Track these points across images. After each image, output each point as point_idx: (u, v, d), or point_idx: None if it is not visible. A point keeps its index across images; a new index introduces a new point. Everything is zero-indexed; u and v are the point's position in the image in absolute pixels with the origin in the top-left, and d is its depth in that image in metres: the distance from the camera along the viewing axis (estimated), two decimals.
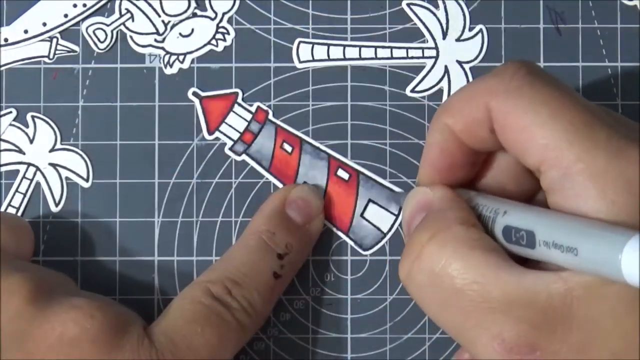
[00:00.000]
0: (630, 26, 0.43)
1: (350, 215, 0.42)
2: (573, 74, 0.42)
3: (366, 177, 0.42)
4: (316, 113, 0.42)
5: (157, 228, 0.42)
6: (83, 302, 0.36)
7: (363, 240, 0.42)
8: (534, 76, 0.33)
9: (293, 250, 0.40)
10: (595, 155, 0.31)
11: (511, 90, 0.33)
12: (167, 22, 0.43)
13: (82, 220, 0.42)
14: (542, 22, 0.43)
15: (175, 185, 0.42)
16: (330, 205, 0.42)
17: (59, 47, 0.42)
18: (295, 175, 0.42)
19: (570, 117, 0.31)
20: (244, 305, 0.38)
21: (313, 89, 0.43)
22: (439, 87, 0.42)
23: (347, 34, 0.43)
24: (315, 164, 0.42)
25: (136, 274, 0.42)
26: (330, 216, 0.42)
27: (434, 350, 0.42)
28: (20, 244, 0.39)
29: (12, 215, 0.41)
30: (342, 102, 0.43)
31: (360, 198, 0.42)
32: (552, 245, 0.31)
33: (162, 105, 0.42)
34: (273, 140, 0.42)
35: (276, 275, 0.39)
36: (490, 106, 0.33)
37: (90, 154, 0.42)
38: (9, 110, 0.42)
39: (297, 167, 0.42)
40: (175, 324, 0.37)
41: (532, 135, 0.32)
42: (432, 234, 0.33)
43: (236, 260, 0.39)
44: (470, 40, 0.42)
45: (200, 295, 0.38)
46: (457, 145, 0.35)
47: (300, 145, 0.42)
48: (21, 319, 0.35)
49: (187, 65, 0.43)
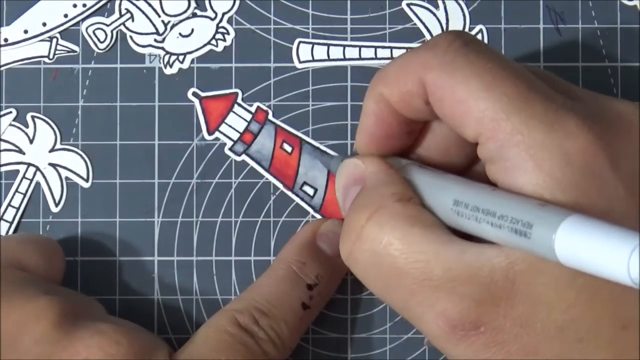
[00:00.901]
0: (630, 26, 0.43)
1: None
2: (573, 74, 0.42)
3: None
4: (316, 113, 0.42)
5: (157, 228, 0.42)
6: (109, 328, 0.35)
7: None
8: (469, 48, 0.32)
9: (323, 282, 0.39)
10: (532, 127, 0.30)
11: (445, 63, 0.32)
12: (167, 22, 0.43)
13: (82, 220, 0.42)
14: (542, 22, 0.43)
15: (175, 185, 0.42)
16: (334, 208, 0.42)
17: (59, 47, 0.42)
18: (295, 176, 0.42)
19: (506, 88, 0.31)
20: (271, 335, 0.37)
21: (313, 89, 0.43)
22: None
23: (347, 34, 0.43)
24: (315, 164, 0.42)
25: (136, 274, 0.42)
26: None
27: (434, 350, 0.42)
28: (50, 266, 0.39)
29: (43, 237, 0.41)
30: (342, 102, 0.43)
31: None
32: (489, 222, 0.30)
33: (162, 105, 0.42)
34: (273, 140, 0.42)
35: (305, 306, 0.39)
36: (424, 80, 0.33)
37: (90, 154, 0.42)
38: (9, 110, 0.42)
39: (297, 167, 0.42)
40: (200, 352, 0.37)
41: (469, 108, 0.31)
42: (370, 214, 0.33)
43: (264, 290, 0.39)
44: None
45: (226, 324, 0.37)
46: (393, 114, 0.35)
47: (300, 145, 0.42)
48: (47, 342, 0.35)
49: (187, 65, 0.43)
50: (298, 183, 0.42)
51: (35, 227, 0.42)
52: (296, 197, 0.42)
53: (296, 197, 0.42)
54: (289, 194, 0.42)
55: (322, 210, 0.42)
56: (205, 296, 0.42)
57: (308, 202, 0.42)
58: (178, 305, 0.42)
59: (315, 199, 0.42)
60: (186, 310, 0.42)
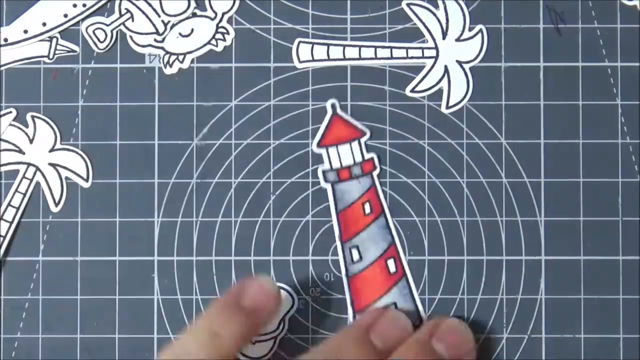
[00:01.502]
0: (630, 26, 0.43)
1: (367, 303, 0.42)
2: (573, 74, 0.42)
3: (405, 279, 0.42)
4: (316, 113, 0.42)
5: (157, 228, 0.42)
6: None
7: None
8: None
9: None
10: None
11: None
12: (167, 22, 0.43)
13: (82, 220, 0.42)
14: (542, 22, 0.43)
15: (175, 185, 0.42)
16: (362, 286, 0.42)
17: (58, 47, 0.42)
18: (354, 235, 0.42)
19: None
20: None
21: (313, 89, 0.43)
22: (439, 87, 0.42)
23: (347, 34, 0.43)
24: (376, 241, 0.42)
25: (136, 274, 0.42)
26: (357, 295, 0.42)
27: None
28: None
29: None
30: (342, 102, 0.43)
31: (388, 294, 0.42)
32: None
33: (162, 105, 0.42)
34: (361, 193, 0.42)
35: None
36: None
37: (90, 154, 0.42)
38: (9, 110, 0.42)
39: (362, 229, 0.42)
40: None
41: None
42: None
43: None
44: (470, 40, 0.42)
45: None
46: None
47: (378, 214, 0.42)
48: None
49: (187, 65, 0.43)
50: (351, 242, 0.42)
51: (35, 226, 0.42)
52: (341, 252, 0.42)
53: (341, 252, 0.42)
54: (338, 244, 0.42)
55: (350, 279, 0.42)
56: (205, 296, 0.42)
57: (347, 263, 0.42)
58: (178, 305, 0.42)
59: (354, 266, 0.42)
60: (186, 310, 0.42)
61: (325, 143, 0.42)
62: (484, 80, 0.42)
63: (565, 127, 0.42)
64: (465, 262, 0.42)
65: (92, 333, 0.42)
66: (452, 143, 0.42)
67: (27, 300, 0.42)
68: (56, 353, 0.42)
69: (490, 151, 0.42)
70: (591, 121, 0.42)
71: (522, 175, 0.42)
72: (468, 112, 0.42)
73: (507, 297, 0.42)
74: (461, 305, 0.42)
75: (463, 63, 0.42)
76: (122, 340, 0.42)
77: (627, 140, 0.42)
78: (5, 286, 0.42)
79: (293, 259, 0.42)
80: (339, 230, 0.42)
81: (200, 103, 0.42)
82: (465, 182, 0.42)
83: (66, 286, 0.42)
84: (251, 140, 0.42)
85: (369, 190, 0.42)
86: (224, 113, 0.42)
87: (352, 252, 0.42)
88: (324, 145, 0.42)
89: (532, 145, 0.42)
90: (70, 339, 0.42)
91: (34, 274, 0.42)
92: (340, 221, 0.42)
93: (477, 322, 0.42)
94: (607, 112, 0.42)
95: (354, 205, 0.42)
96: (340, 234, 0.42)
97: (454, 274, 0.42)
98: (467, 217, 0.42)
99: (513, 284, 0.42)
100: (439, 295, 0.42)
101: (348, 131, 0.42)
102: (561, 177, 0.42)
